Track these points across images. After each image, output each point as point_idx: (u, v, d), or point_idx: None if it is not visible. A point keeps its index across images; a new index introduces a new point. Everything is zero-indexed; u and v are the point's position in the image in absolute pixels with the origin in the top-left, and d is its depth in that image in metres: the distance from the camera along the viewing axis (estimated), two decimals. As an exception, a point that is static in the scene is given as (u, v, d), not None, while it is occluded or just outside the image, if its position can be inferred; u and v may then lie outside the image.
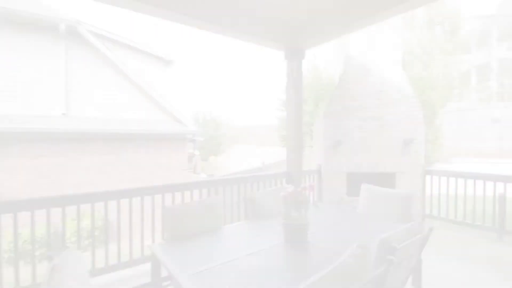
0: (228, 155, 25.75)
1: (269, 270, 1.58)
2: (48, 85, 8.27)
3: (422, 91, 9.71)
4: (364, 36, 4.88)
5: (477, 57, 16.49)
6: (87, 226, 6.85)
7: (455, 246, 3.78)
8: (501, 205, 3.92)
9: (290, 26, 4.06)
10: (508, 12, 16.34)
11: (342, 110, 4.94)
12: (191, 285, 1.39)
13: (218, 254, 1.79)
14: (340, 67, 5.14)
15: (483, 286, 2.77)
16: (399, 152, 4.80)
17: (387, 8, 3.00)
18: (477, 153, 10.42)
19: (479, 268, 3.12)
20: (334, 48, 9.99)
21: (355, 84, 4.92)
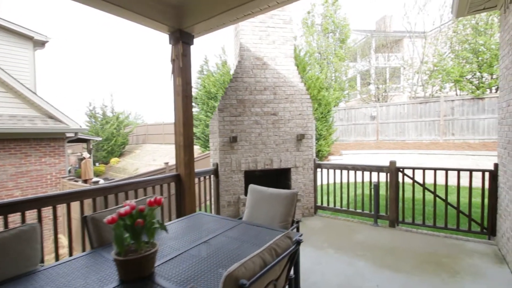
0: (135, 155, 23.07)
1: None
2: None
3: (318, 90, 10.58)
4: (258, 27, 4.67)
5: (361, 65, 19.49)
6: None
7: (340, 235, 3.96)
8: (375, 193, 4.32)
9: (174, 4, 3.43)
10: (382, 29, 19.92)
11: (238, 104, 4.63)
12: None
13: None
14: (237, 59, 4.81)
15: (360, 275, 2.85)
16: (293, 148, 4.82)
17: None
18: (362, 146, 12.10)
19: (357, 257, 3.26)
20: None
21: (250, 77, 4.67)
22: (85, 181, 12.00)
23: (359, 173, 4.62)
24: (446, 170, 3.83)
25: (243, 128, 4.65)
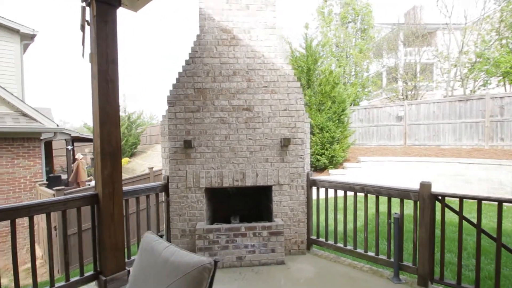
0: (146, 156, 22.63)
1: None
2: None
3: (332, 86, 8.98)
4: (226, -14, 3.31)
5: (387, 60, 17.39)
6: None
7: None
8: (396, 232, 2.77)
9: None
10: (411, 21, 17.66)
11: (196, 95, 3.29)
12: None
13: None
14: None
15: None
16: (275, 157, 3.39)
17: None
18: (385, 152, 10.27)
19: None
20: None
21: (214, 57, 3.32)
22: (78, 184, 11.29)
23: (371, 197, 3.09)
24: (523, 203, 2.22)
25: (204, 128, 3.31)
